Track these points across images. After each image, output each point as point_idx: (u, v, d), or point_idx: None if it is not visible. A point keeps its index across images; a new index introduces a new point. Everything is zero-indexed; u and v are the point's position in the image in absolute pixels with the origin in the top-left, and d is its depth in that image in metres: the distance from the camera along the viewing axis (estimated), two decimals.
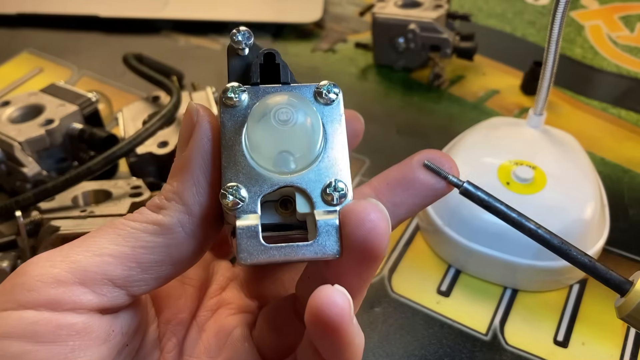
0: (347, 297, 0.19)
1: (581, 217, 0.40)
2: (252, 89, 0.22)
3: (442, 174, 0.25)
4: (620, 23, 0.68)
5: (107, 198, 0.40)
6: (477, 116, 0.55)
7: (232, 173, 0.21)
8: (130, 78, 0.56)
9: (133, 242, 0.21)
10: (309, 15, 0.67)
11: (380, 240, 0.20)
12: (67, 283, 0.21)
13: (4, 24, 0.67)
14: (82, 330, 0.21)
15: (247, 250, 0.20)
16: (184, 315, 0.27)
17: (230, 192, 0.21)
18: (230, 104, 0.22)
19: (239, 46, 0.23)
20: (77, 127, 0.44)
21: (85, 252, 0.21)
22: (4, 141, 0.42)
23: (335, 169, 0.22)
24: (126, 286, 0.22)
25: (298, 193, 0.21)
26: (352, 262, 0.21)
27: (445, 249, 0.43)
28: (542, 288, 0.41)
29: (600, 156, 0.51)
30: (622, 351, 0.38)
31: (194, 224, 0.22)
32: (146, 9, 0.67)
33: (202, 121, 0.22)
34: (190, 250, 0.22)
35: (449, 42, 0.57)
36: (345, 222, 0.20)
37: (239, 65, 0.23)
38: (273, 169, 0.21)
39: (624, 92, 0.59)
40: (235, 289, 0.28)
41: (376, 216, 0.20)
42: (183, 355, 0.26)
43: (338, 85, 0.23)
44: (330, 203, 0.21)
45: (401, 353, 0.38)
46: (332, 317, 0.19)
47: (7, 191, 0.46)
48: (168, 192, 0.22)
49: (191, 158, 0.22)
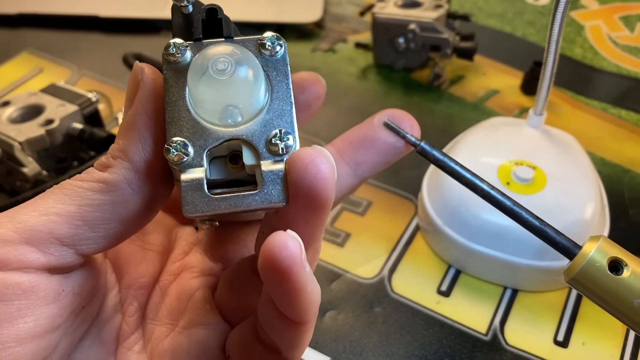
0: (297, 241, 0.19)
1: (581, 217, 0.40)
2: (195, 45, 0.22)
3: (401, 133, 0.26)
4: (620, 23, 0.68)
5: None
6: (477, 116, 0.55)
7: (176, 128, 0.21)
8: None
9: (79, 200, 0.21)
10: (309, 15, 0.67)
11: (325, 185, 0.20)
12: (12, 242, 0.20)
13: (4, 24, 0.67)
14: (28, 289, 0.20)
15: (191, 202, 0.20)
16: (145, 280, 0.27)
17: (174, 147, 0.21)
18: (173, 60, 0.22)
19: (181, 3, 0.23)
20: (77, 127, 0.44)
21: (32, 211, 0.21)
22: (4, 141, 0.42)
23: (281, 120, 0.21)
24: (74, 245, 0.21)
25: (245, 146, 0.21)
26: (300, 209, 0.21)
27: (445, 249, 0.43)
28: (542, 288, 0.41)
29: (600, 156, 0.51)
30: (622, 351, 0.38)
31: (140, 180, 0.22)
32: (146, 9, 0.67)
33: (146, 79, 0.22)
34: (137, 208, 0.22)
35: (449, 42, 0.57)
36: (290, 169, 0.20)
37: (183, 22, 0.23)
38: (219, 122, 0.21)
39: (624, 92, 0.59)
40: (199, 253, 0.28)
41: (321, 160, 0.20)
42: (145, 319, 0.26)
43: (282, 38, 0.22)
44: (277, 153, 0.21)
45: (401, 353, 0.38)
46: (283, 261, 0.19)
47: (7, 191, 0.46)
48: (114, 151, 0.22)
49: (135, 115, 0.22)
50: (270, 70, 0.22)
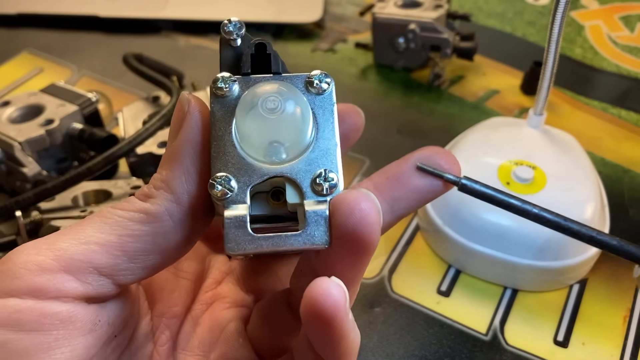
0: (342, 289, 0.19)
1: (581, 217, 0.40)
2: (243, 79, 0.22)
3: (437, 174, 0.24)
4: (620, 23, 0.68)
5: (107, 198, 0.40)
6: (477, 116, 0.55)
7: (222, 163, 0.21)
8: (130, 78, 0.56)
9: (120, 230, 0.21)
10: (309, 15, 0.67)
11: (370, 230, 0.20)
12: (51, 271, 0.20)
13: (4, 24, 0.67)
14: (66, 319, 0.20)
15: (234, 240, 0.20)
16: (178, 309, 0.27)
17: (218, 182, 0.21)
18: (221, 94, 0.22)
19: (231, 37, 0.23)
20: (77, 127, 0.44)
21: (71, 240, 0.21)
22: (4, 141, 0.42)
23: (326, 159, 0.21)
24: (112, 275, 0.21)
25: (288, 183, 0.21)
26: (343, 252, 0.21)
27: (445, 249, 0.43)
28: (542, 288, 0.41)
29: (600, 156, 0.51)
30: (622, 351, 0.38)
31: (182, 212, 0.22)
32: (146, 9, 0.67)
33: (192, 111, 0.22)
34: (177, 240, 0.22)
35: (449, 42, 0.57)
36: (335, 212, 0.20)
37: (231, 55, 0.23)
38: (263, 159, 0.21)
39: (624, 92, 0.59)
40: (231, 283, 0.28)
41: (367, 205, 0.20)
42: (177, 348, 0.26)
43: (330, 75, 0.23)
44: (320, 193, 0.21)
45: (401, 353, 0.38)
46: (327, 308, 0.19)
47: (7, 191, 0.46)
48: (157, 181, 0.22)
49: (180, 147, 0.22)
50: (317, 108, 0.22)
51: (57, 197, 0.39)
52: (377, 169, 0.25)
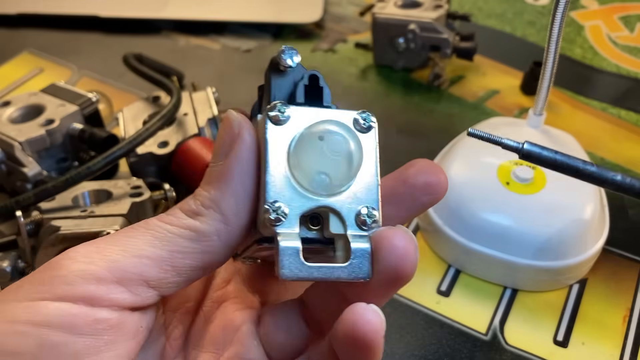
0: (380, 317, 0.21)
1: (581, 217, 0.40)
2: (296, 109, 0.23)
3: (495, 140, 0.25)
4: (620, 23, 0.68)
5: (108, 198, 0.40)
6: (477, 116, 0.55)
7: (275, 190, 0.22)
8: (130, 78, 0.56)
9: (170, 246, 0.22)
10: (309, 15, 0.67)
11: (410, 266, 0.22)
12: (105, 281, 0.21)
13: (4, 24, 0.67)
14: (115, 326, 0.22)
15: (288, 267, 0.22)
16: (191, 305, 0.27)
17: (273, 209, 0.22)
18: (276, 121, 0.23)
19: (286, 64, 0.24)
20: (78, 127, 0.44)
21: (124, 252, 0.22)
22: (4, 141, 0.42)
23: (367, 195, 0.23)
24: (159, 287, 0.23)
25: (332, 214, 0.23)
26: (381, 284, 0.22)
27: (445, 249, 0.43)
28: (542, 288, 0.41)
29: (600, 156, 0.52)
30: (622, 351, 0.38)
31: (230, 233, 0.23)
32: (146, 9, 0.67)
33: (244, 133, 0.23)
34: (222, 258, 0.23)
35: (449, 42, 0.57)
36: (378, 248, 0.22)
37: (282, 83, 0.24)
38: (308, 187, 0.22)
39: (624, 92, 0.59)
40: (239, 283, 0.29)
41: (407, 242, 0.22)
42: (189, 344, 0.26)
43: (375, 116, 0.24)
44: (362, 227, 0.23)
45: (401, 353, 0.38)
46: (368, 335, 0.20)
47: (7, 191, 0.46)
48: (205, 199, 0.23)
49: (232, 169, 0.22)
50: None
51: (57, 197, 0.39)
52: None
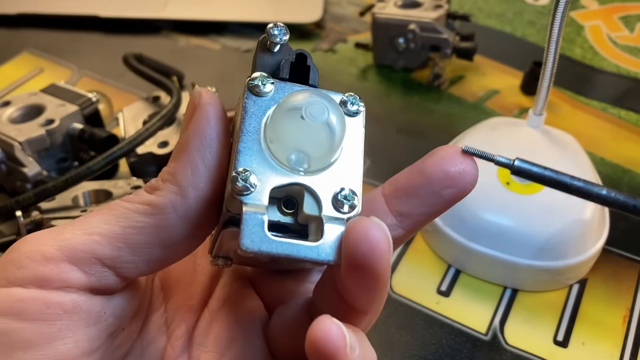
0: (342, 330, 0.19)
1: (581, 217, 0.40)
2: (279, 83, 0.22)
3: (486, 157, 0.24)
4: (620, 23, 0.68)
5: (108, 198, 0.40)
6: (477, 116, 0.55)
7: (246, 159, 0.21)
8: (130, 78, 0.56)
9: (124, 221, 0.21)
10: (309, 15, 0.67)
11: (379, 260, 0.20)
12: (55, 260, 0.20)
13: (4, 24, 0.67)
14: (70, 310, 0.20)
15: (250, 237, 0.20)
16: (195, 303, 0.26)
17: (241, 177, 0.20)
18: (256, 92, 0.22)
19: (274, 40, 0.23)
20: (78, 127, 0.44)
21: (76, 230, 0.21)
22: (4, 141, 0.42)
23: (348, 180, 0.21)
24: (115, 267, 0.21)
25: (307, 194, 0.21)
26: (356, 277, 0.21)
27: (445, 249, 0.43)
28: (542, 288, 0.41)
29: (600, 156, 0.52)
30: (622, 351, 0.38)
31: (187, 205, 0.21)
32: (146, 9, 0.67)
33: (203, 104, 0.22)
34: (181, 234, 0.22)
35: (449, 42, 0.57)
36: (347, 237, 0.20)
37: (267, 60, 0.23)
38: (286, 164, 0.21)
39: (624, 92, 0.59)
40: (245, 283, 0.28)
41: (378, 235, 0.20)
42: (192, 343, 0.25)
43: (363, 99, 0.23)
44: (339, 210, 0.21)
45: (401, 353, 0.38)
46: (328, 348, 0.19)
47: (7, 191, 0.46)
48: (165, 174, 0.22)
49: (188, 139, 0.21)
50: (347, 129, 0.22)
51: (57, 197, 0.39)
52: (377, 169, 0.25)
